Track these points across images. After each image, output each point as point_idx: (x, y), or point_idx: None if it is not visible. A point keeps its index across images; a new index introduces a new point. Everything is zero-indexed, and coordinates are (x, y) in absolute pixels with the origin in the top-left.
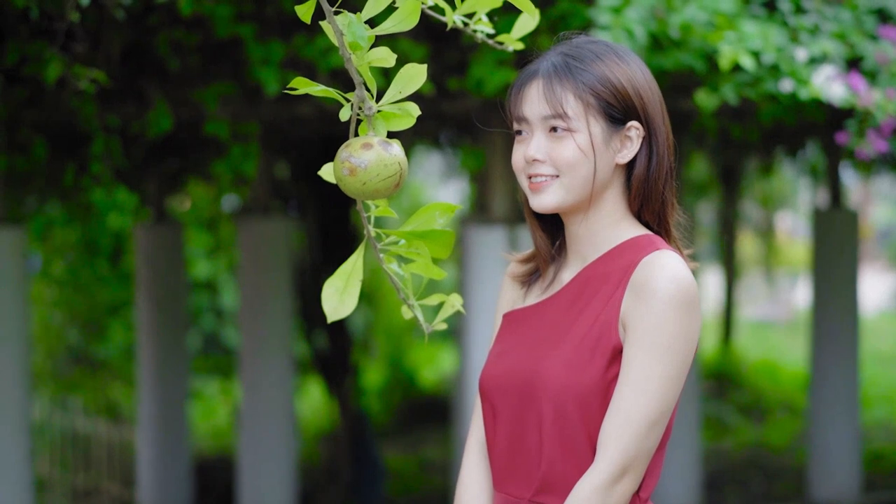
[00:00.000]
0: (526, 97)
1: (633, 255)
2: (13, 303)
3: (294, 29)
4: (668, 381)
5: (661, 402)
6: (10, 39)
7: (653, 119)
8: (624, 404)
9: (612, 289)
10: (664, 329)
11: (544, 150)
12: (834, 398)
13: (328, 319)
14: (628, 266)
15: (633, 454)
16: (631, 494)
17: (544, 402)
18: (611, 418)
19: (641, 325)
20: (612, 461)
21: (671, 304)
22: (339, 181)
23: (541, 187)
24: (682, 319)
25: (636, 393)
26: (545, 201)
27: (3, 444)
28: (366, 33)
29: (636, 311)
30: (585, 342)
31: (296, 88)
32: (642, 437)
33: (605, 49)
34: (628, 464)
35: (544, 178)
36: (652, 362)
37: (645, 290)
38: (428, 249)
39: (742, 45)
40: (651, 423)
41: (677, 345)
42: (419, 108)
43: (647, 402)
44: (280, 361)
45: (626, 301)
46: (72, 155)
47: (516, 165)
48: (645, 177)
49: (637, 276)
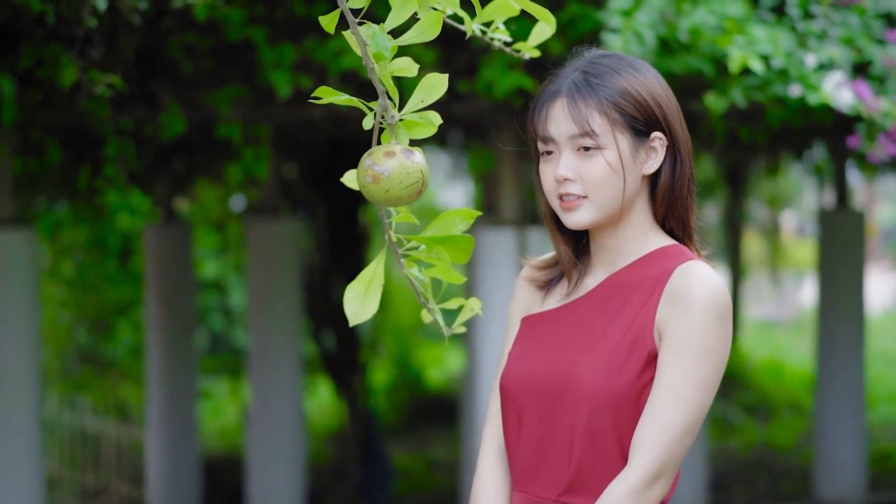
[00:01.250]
0: (551, 118)
1: (666, 263)
2: (25, 302)
3: (305, 32)
4: (704, 387)
5: (697, 408)
6: (24, 43)
7: (673, 127)
8: (660, 410)
9: (645, 296)
10: (701, 336)
11: (574, 169)
12: (840, 398)
13: (350, 323)
14: (662, 274)
15: (667, 459)
16: (662, 497)
17: (579, 405)
18: (647, 423)
19: (679, 333)
20: (648, 465)
21: (708, 313)
22: (362, 188)
23: (573, 206)
24: (717, 327)
25: (673, 399)
26: (578, 219)
27: (16, 443)
28: (389, 44)
29: (673, 319)
30: (620, 347)
31: (320, 98)
32: (677, 443)
33: (621, 62)
34: (662, 468)
35: (576, 196)
36: (689, 369)
37: (682, 299)
38: (448, 254)
39: (751, 49)
40: (686, 429)
41: (713, 352)
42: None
43: (683, 409)
44: (288, 361)
45: (661, 309)
46: (85, 157)
47: (547, 187)
48: (670, 185)
49: (673, 284)
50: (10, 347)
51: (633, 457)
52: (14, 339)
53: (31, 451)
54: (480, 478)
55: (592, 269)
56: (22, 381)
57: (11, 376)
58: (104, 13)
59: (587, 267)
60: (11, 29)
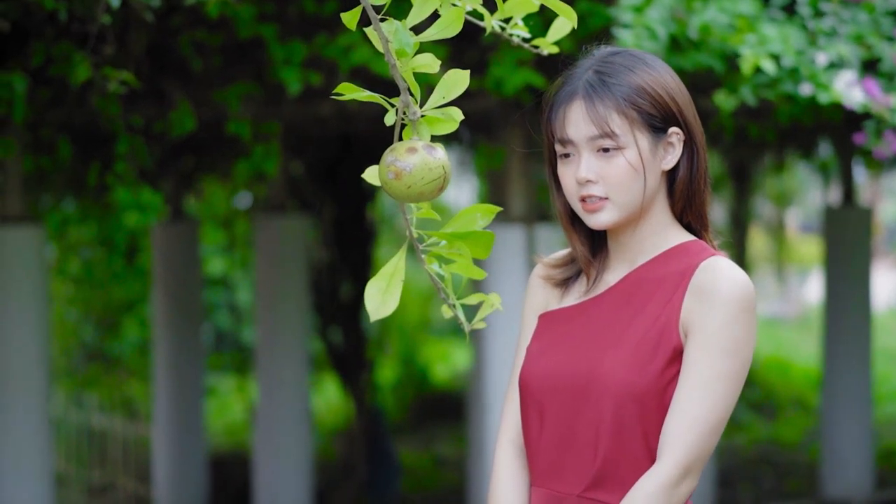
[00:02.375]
0: (569, 120)
1: (689, 259)
2: (34, 299)
3: (315, 29)
4: (731, 381)
5: (725, 402)
6: (35, 41)
7: (689, 120)
8: (689, 405)
9: (669, 292)
10: (728, 332)
11: (595, 171)
12: (846, 395)
13: (371, 318)
14: (686, 270)
15: (696, 455)
16: (690, 493)
17: (604, 400)
18: (675, 419)
19: (705, 329)
20: (678, 461)
21: (734, 307)
22: (384, 185)
23: (597, 207)
24: (744, 322)
25: (701, 395)
26: (601, 220)
27: (25, 440)
28: (411, 40)
29: (699, 315)
30: (645, 343)
31: (342, 94)
32: (706, 438)
33: (633, 59)
34: (692, 464)
35: (598, 198)
36: (717, 363)
37: (708, 295)
38: (469, 250)
39: (762, 48)
40: (715, 425)
41: (740, 346)
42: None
43: (711, 404)
44: (296, 358)
45: (686, 304)
46: (94, 154)
47: (569, 189)
48: (688, 179)
49: (698, 279)
50: (20, 344)
51: (662, 453)
52: (24, 336)
53: (40, 449)
54: (498, 474)
55: (611, 265)
56: (31, 379)
57: (21, 373)
58: (117, 10)
59: (606, 264)
60: (22, 27)
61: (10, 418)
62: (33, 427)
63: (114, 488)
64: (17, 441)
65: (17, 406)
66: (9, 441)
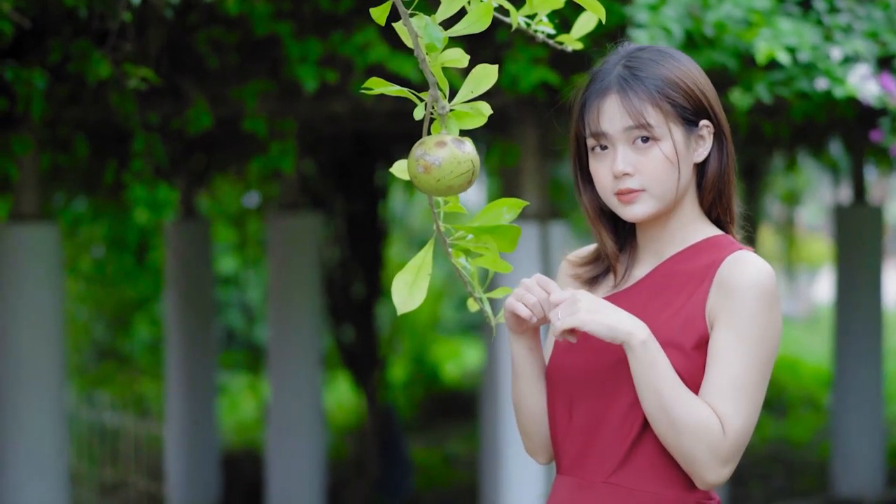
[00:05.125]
0: (604, 113)
1: (716, 253)
2: (49, 298)
3: (331, 26)
4: (761, 371)
5: (758, 393)
6: (53, 38)
7: (718, 113)
8: (723, 403)
9: (696, 285)
10: (755, 321)
11: (632, 163)
12: (857, 393)
13: (398, 312)
14: (712, 263)
15: (741, 444)
16: (728, 477)
17: (633, 390)
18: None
19: (732, 322)
20: (733, 442)
21: (759, 299)
22: (413, 179)
23: (633, 199)
24: (769, 312)
25: (733, 389)
26: (637, 212)
27: (40, 438)
28: (441, 35)
29: (725, 308)
30: (673, 333)
31: (371, 88)
32: (748, 431)
33: (660, 54)
34: (739, 450)
35: (634, 190)
36: (746, 356)
37: (733, 288)
38: (495, 244)
39: (777, 41)
40: (753, 415)
41: (766, 336)
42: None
43: (745, 397)
44: (308, 356)
45: (711, 297)
46: (109, 152)
47: (603, 182)
48: (718, 172)
49: (723, 273)
50: (36, 343)
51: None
52: (39, 334)
53: (56, 448)
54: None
55: (639, 259)
56: (46, 377)
57: (36, 372)
58: (137, 7)
59: (634, 258)
60: (39, 23)
61: (25, 417)
62: (49, 425)
63: (126, 486)
64: (32, 440)
65: (33, 404)
66: (24, 440)
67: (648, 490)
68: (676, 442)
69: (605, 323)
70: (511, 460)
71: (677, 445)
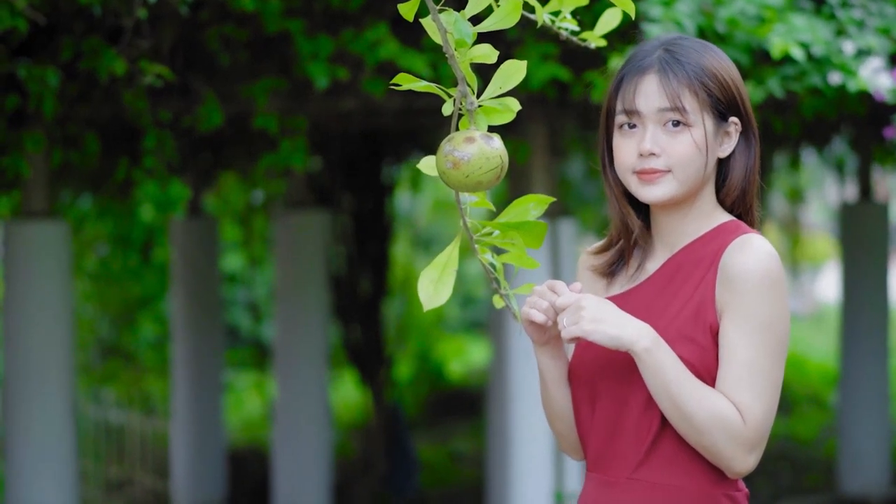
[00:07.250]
0: (640, 91)
1: (722, 238)
2: (59, 295)
3: (341, 24)
4: (774, 357)
5: (774, 379)
6: (65, 35)
7: (748, 112)
8: (739, 392)
9: (703, 272)
10: (761, 307)
11: (660, 144)
12: (863, 391)
13: (424, 308)
14: (718, 249)
15: (764, 432)
16: (756, 464)
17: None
18: (736, 396)
19: (739, 309)
20: (754, 429)
21: (764, 283)
22: (441, 174)
23: (654, 180)
24: (773, 295)
25: (749, 377)
26: (657, 193)
27: (49, 436)
28: (470, 30)
29: (730, 295)
30: (685, 321)
31: (399, 84)
32: (770, 412)
33: (702, 45)
34: (763, 437)
35: (658, 171)
36: (756, 342)
37: (736, 274)
38: (522, 240)
39: (791, 36)
40: (772, 402)
41: (775, 320)
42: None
43: (761, 384)
44: (314, 354)
45: (718, 283)
46: (119, 150)
47: (625, 159)
48: (744, 172)
49: (728, 258)
50: (44, 339)
51: None
52: (48, 332)
53: (65, 445)
54: None
55: (654, 251)
56: (56, 374)
57: (45, 370)
58: (153, 4)
59: (646, 250)
60: (52, 22)
61: (34, 415)
62: (58, 422)
63: (132, 484)
64: (40, 437)
65: (41, 402)
66: (33, 437)
67: (672, 484)
68: (697, 438)
69: (608, 333)
70: (517, 457)
71: (699, 441)
